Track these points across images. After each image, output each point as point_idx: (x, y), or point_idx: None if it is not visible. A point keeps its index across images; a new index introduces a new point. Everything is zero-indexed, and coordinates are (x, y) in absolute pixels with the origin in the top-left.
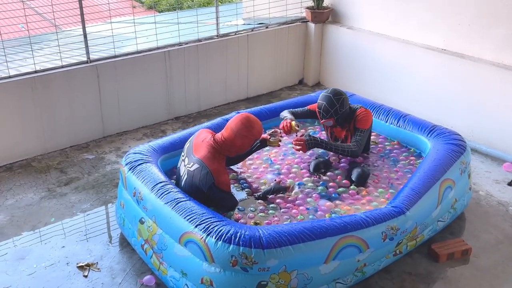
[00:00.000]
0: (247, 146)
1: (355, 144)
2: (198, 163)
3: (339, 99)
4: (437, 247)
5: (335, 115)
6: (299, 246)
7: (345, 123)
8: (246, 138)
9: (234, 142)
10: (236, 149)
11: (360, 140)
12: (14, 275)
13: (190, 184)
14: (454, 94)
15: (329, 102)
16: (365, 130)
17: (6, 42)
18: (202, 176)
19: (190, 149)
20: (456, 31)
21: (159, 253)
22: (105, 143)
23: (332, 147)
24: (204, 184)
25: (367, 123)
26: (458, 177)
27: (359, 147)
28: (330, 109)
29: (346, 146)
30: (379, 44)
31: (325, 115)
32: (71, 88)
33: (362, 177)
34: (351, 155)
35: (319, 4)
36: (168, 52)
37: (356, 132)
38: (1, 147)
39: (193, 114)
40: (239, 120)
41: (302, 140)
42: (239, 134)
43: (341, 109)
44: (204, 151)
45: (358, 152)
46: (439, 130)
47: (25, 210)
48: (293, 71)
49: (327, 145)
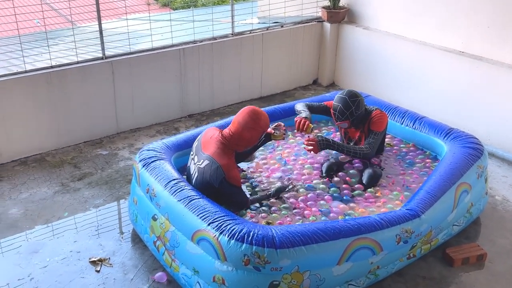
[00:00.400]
0: (255, 138)
1: (368, 147)
2: (208, 159)
3: (354, 101)
4: (452, 252)
5: (351, 117)
6: (312, 246)
7: (360, 124)
8: (254, 130)
9: (242, 135)
10: (245, 143)
11: (373, 142)
12: (27, 268)
13: (201, 181)
14: (472, 97)
15: (344, 104)
16: (379, 133)
17: (22, 37)
18: (213, 172)
19: (199, 147)
20: (475, 33)
21: (172, 250)
22: (118, 139)
23: (344, 149)
24: (215, 179)
25: (381, 125)
26: (475, 181)
27: (372, 150)
28: (346, 111)
29: (358, 148)
30: (396, 45)
31: (340, 117)
32: (86, 84)
33: (374, 178)
34: (363, 157)
35: (335, 4)
36: (182, 49)
37: (369, 134)
38: (16, 141)
39: (207, 112)
40: (246, 113)
41: (314, 140)
42: (247, 126)
43: (356, 111)
44: (213, 147)
45: (371, 154)
46: (456, 133)
47: (39, 204)
48: (308, 71)
49: (339, 146)
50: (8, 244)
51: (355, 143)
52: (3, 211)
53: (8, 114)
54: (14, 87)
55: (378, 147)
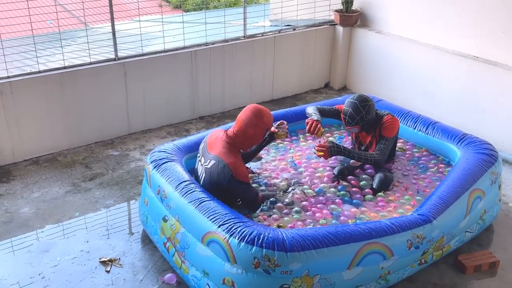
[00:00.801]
0: (259, 135)
1: (379, 153)
2: (215, 159)
3: (365, 106)
4: (464, 259)
5: (361, 122)
6: (323, 250)
7: (371, 129)
8: (257, 127)
9: (246, 132)
10: (249, 140)
11: (384, 148)
12: (38, 267)
13: (209, 181)
14: (486, 102)
15: (355, 109)
16: (390, 139)
17: (36, 37)
18: (220, 170)
19: (205, 148)
20: (489, 38)
21: (182, 251)
22: (129, 140)
23: (355, 155)
24: (223, 178)
25: (392, 131)
26: (488, 188)
27: (383, 156)
28: (356, 116)
29: (369, 154)
30: (409, 49)
31: (350, 122)
32: (99, 85)
33: (385, 183)
34: (374, 164)
35: (348, 8)
36: (194, 51)
37: (381, 140)
38: (29, 140)
39: (217, 114)
40: (248, 111)
41: (325, 146)
42: (250, 123)
43: (367, 116)
44: (219, 147)
45: (382, 161)
46: (470, 139)
47: (50, 203)
48: (320, 74)
49: (350, 153)
50: (19, 243)
51: (366, 147)
52: (15, 210)
53: (21, 113)
54: (28, 87)
55: (390, 152)
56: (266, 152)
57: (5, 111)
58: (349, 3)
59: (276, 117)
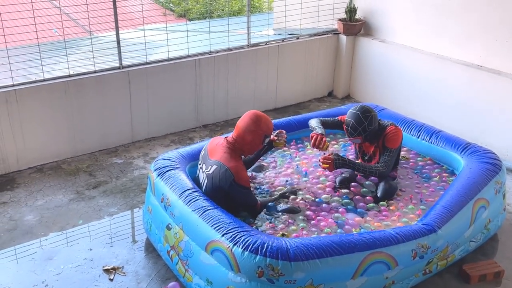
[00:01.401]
0: (257, 142)
1: (383, 165)
2: (216, 164)
3: (367, 117)
4: (469, 268)
5: (363, 133)
6: (327, 260)
7: (374, 139)
8: (255, 133)
9: (245, 138)
10: (248, 147)
11: (388, 160)
12: (41, 274)
13: (210, 187)
14: (490, 111)
15: (357, 120)
16: (393, 150)
17: (41, 46)
18: (222, 175)
19: (206, 155)
20: (494, 47)
21: (185, 260)
22: (133, 148)
23: (360, 167)
24: (225, 182)
25: (396, 142)
26: (493, 197)
27: (387, 168)
28: (358, 127)
29: (374, 167)
30: (412, 58)
31: (353, 132)
32: (103, 93)
33: (388, 192)
34: (379, 176)
35: (351, 16)
36: (198, 60)
37: (385, 151)
38: (33, 148)
39: (221, 123)
40: (247, 117)
41: (330, 159)
42: (248, 129)
43: (369, 127)
44: (220, 153)
45: (387, 173)
46: (474, 148)
47: (54, 211)
48: (323, 82)
49: (355, 165)
50: (23, 251)
51: (370, 157)
52: (19, 218)
53: (26, 121)
54: (32, 95)
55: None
56: (273, 161)
57: (10, 119)
58: (352, 12)
59: (280, 125)
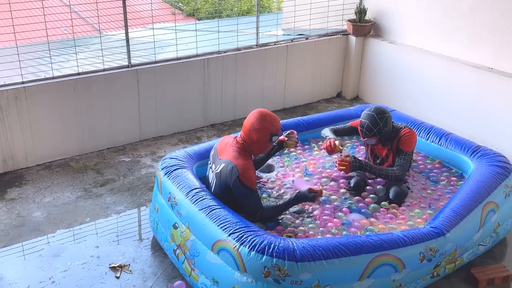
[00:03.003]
0: (264, 140)
1: (399, 169)
2: (225, 162)
3: (382, 118)
4: (477, 272)
5: (378, 134)
6: (334, 261)
7: (388, 141)
8: (260, 132)
9: (251, 137)
10: (256, 146)
11: (404, 164)
12: (48, 271)
13: (219, 185)
14: (501, 114)
15: (372, 121)
16: (409, 153)
17: (50, 44)
18: (228, 172)
19: (216, 155)
20: (505, 49)
21: (191, 259)
22: (141, 147)
23: (376, 171)
24: (230, 178)
25: (411, 145)
26: (502, 201)
27: (403, 171)
28: (373, 128)
29: (390, 170)
30: (422, 60)
31: (368, 134)
32: (112, 91)
33: (400, 196)
34: (395, 180)
35: (361, 18)
36: (207, 59)
37: (399, 154)
38: (42, 145)
39: (229, 122)
40: (252, 115)
41: (347, 161)
42: (253, 128)
43: (384, 128)
44: (229, 151)
45: (402, 176)
46: (483, 151)
47: (61, 208)
48: (332, 83)
49: (371, 168)
50: (31, 247)
51: (382, 160)
52: (27, 214)
53: (35, 119)
54: (42, 93)
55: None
56: (279, 161)
57: (19, 116)
58: (362, 13)
59: (288, 126)
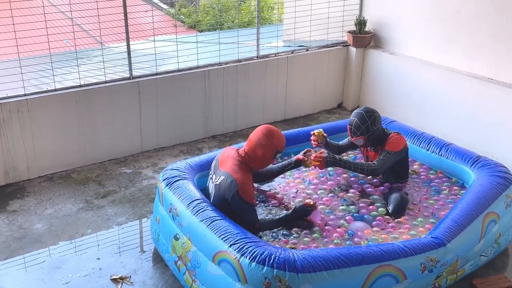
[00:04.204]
0: (268, 156)
1: (376, 163)
2: (224, 175)
3: (370, 116)
4: (479, 283)
5: (366, 133)
6: (334, 272)
7: (378, 146)
8: (266, 148)
9: (256, 152)
10: (259, 161)
11: (383, 159)
12: (50, 283)
13: (217, 197)
14: (501, 124)
15: (360, 118)
16: (391, 152)
17: (52, 56)
18: (227, 185)
19: (217, 166)
20: (504, 60)
21: (192, 270)
22: (142, 158)
23: (351, 165)
24: (228, 192)
25: (396, 146)
26: (503, 211)
27: (381, 166)
28: (362, 125)
29: (366, 164)
30: (422, 71)
31: (356, 132)
32: (113, 103)
33: (400, 206)
34: (371, 174)
35: (361, 29)
36: (208, 71)
37: (382, 152)
38: (44, 157)
39: (230, 133)
40: (259, 131)
41: (321, 157)
42: (260, 144)
43: (372, 126)
44: (230, 164)
45: (379, 170)
46: (484, 161)
47: (63, 220)
48: (333, 94)
49: (346, 163)
50: (32, 259)
51: None
52: (28, 226)
53: (37, 131)
54: (44, 105)
55: (402, 174)
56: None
57: (21, 128)
58: (362, 25)
59: (289, 137)
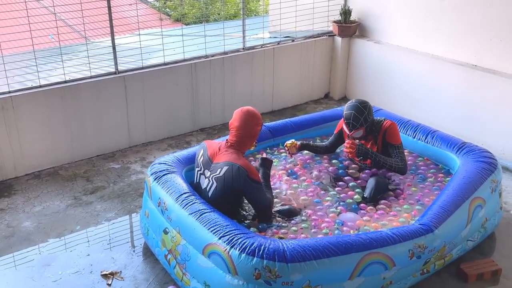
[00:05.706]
0: (258, 132)
1: (400, 163)
2: (227, 165)
3: (366, 107)
4: (466, 267)
5: (365, 123)
6: (324, 261)
7: (370, 135)
8: (258, 125)
9: (252, 134)
10: (250, 142)
11: (401, 156)
12: (39, 281)
13: (222, 188)
14: (485, 111)
15: (357, 110)
16: (400, 146)
17: (37, 52)
18: (235, 173)
19: (208, 161)
20: (488, 46)
21: (183, 263)
22: (130, 153)
23: (381, 159)
24: (238, 179)
25: (398, 136)
26: (489, 196)
27: (405, 163)
28: (360, 116)
29: (395, 162)
30: (407, 59)
31: (355, 124)
32: (99, 98)
33: (377, 189)
34: (398, 172)
35: (346, 18)
36: (194, 64)
37: (393, 149)
38: (30, 154)
39: (218, 126)
40: (242, 115)
41: (354, 144)
42: (252, 124)
43: (369, 116)
44: (226, 155)
45: (405, 169)
46: (469, 147)
47: (51, 217)
48: (319, 84)
49: (376, 156)
50: (21, 257)
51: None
52: (16, 224)
53: (23, 128)
54: (29, 102)
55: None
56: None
57: (7, 126)
58: (347, 14)
59: (277, 128)
